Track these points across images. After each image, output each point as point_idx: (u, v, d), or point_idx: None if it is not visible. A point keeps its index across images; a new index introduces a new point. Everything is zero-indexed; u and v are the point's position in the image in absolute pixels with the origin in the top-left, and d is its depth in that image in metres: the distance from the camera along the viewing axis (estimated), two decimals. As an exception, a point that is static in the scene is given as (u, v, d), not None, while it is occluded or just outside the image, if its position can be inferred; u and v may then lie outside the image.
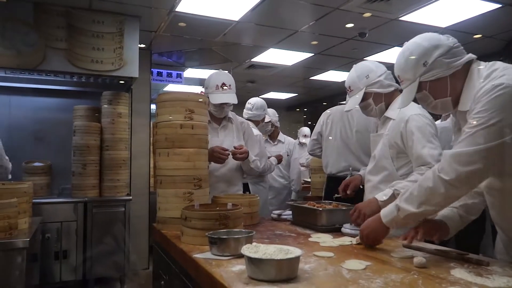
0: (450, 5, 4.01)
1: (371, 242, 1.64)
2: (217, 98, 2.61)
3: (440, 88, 1.48)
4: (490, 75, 1.37)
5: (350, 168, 3.02)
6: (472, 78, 1.44)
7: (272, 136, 4.55)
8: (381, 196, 1.88)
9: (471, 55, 1.48)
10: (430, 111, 1.64)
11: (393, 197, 1.84)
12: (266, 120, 4.20)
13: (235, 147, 2.57)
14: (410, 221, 1.49)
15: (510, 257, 1.48)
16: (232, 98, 2.64)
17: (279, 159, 4.05)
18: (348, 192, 2.30)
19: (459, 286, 1.16)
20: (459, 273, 1.28)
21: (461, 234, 3.21)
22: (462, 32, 4.71)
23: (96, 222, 3.87)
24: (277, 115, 4.58)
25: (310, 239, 1.85)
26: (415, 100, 1.60)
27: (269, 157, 3.63)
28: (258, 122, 3.97)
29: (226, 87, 2.63)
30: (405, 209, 1.45)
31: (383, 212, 1.55)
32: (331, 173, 3.18)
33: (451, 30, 4.85)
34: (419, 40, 1.53)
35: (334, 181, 3.10)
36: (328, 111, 3.33)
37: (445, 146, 3.32)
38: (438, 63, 1.46)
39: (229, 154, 2.49)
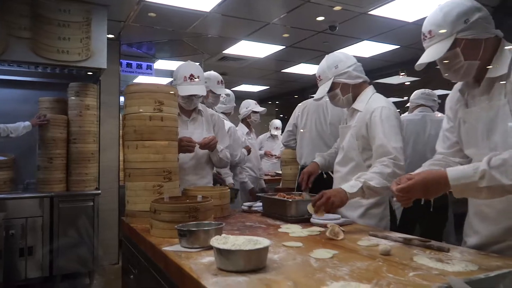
0: None
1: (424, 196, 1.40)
2: (185, 89, 2.58)
3: (473, 49, 1.46)
4: None
5: None
6: (504, 47, 1.46)
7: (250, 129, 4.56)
8: (350, 188, 1.86)
9: (499, 31, 1.49)
10: (448, 78, 1.56)
11: (361, 190, 1.86)
12: (257, 110, 4.38)
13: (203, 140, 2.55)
14: (484, 194, 1.28)
15: (480, 237, 1.51)
16: (201, 90, 2.62)
17: (248, 149, 4.04)
18: (309, 185, 2.34)
19: (421, 271, 1.21)
20: (421, 259, 1.33)
21: (425, 222, 3.34)
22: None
23: (63, 217, 3.77)
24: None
25: (280, 229, 1.87)
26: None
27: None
28: (229, 114, 3.96)
29: (195, 79, 2.60)
30: (496, 178, 1.25)
31: (454, 174, 1.31)
32: (305, 164, 3.21)
33: (419, 25, 4.97)
34: (460, 0, 1.50)
35: None
36: (302, 103, 3.37)
37: (410, 138, 3.45)
38: (478, 24, 1.45)
39: (195, 145, 2.48)
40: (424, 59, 1.51)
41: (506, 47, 1.48)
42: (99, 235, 3.94)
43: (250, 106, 4.47)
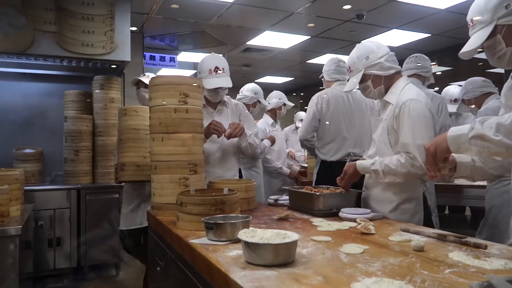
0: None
1: (437, 160, 1.49)
2: (211, 82, 2.59)
3: None
4: None
5: (351, 154, 3.02)
6: None
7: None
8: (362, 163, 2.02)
9: None
10: (494, 65, 1.54)
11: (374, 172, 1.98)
12: (288, 104, 4.39)
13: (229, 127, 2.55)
14: (473, 146, 1.38)
15: None
16: (227, 82, 2.62)
17: (272, 140, 4.00)
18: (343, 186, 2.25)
19: (457, 268, 1.18)
20: (457, 256, 1.30)
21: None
22: (460, 13, 4.69)
23: (89, 209, 3.88)
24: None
25: (307, 223, 1.86)
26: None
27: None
28: (248, 106, 3.91)
29: (219, 71, 2.60)
30: (479, 130, 1.35)
31: (453, 128, 1.45)
32: (328, 159, 3.16)
33: (450, 12, 4.82)
34: None
35: (328, 166, 3.11)
36: (323, 93, 3.24)
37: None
38: None
39: (224, 130, 2.48)
40: (465, 47, 1.51)
41: None
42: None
43: (282, 98, 4.41)
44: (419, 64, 3.31)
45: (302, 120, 6.11)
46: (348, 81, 2.23)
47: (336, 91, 3.19)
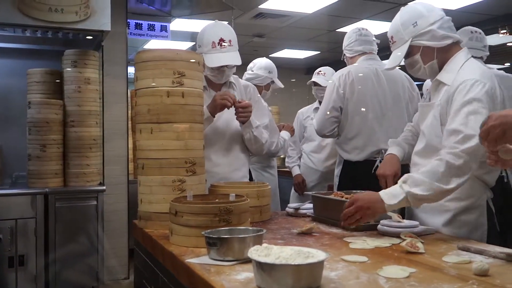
0: None
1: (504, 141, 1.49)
2: (215, 59, 2.59)
3: None
4: None
5: (383, 151, 2.99)
6: None
7: None
8: (390, 197, 1.86)
9: None
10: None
11: (405, 200, 1.85)
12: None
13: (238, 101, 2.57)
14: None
15: None
16: (234, 58, 2.62)
17: (291, 130, 3.92)
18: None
19: (532, 298, 1.17)
20: (532, 282, 1.29)
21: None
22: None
23: (60, 219, 3.92)
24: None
25: (337, 239, 1.87)
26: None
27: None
28: (261, 88, 3.86)
29: (225, 44, 2.60)
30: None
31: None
32: (352, 158, 3.13)
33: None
34: None
35: (353, 166, 3.10)
36: (346, 72, 3.14)
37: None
38: None
39: (233, 99, 2.51)
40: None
41: None
42: (104, 242, 4.07)
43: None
44: (483, 46, 3.20)
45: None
46: (388, 57, 2.22)
47: (363, 68, 3.15)
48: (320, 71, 4.20)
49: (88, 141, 4.18)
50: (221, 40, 2.61)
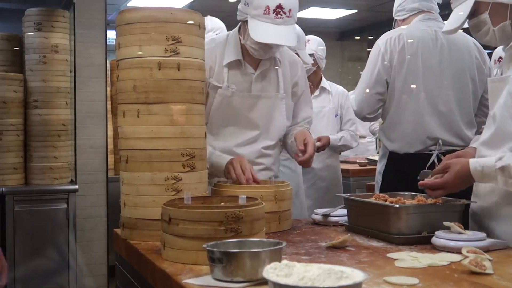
0: None
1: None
2: (263, 32, 2.49)
3: None
4: None
5: (440, 142, 2.98)
6: None
7: (312, 82, 4.51)
8: (479, 171, 1.99)
9: None
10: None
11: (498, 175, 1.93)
12: (308, 52, 4.18)
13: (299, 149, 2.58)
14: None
15: None
16: (289, 36, 2.54)
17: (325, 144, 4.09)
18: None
19: None
20: None
21: None
22: None
23: (20, 226, 3.96)
24: (321, 46, 4.52)
25: (379, 255, 1.87)
26: None
27: None
28: None
29: (282, 14, 2.49)
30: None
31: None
32: (400, 150, 3.14)
33: None
34: None
35: (400, 161, 3.10)
36: (395, 34, 3.13)
37: None
38: None
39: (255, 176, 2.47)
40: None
41: None
42: (77, 257, 4.09)
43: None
44: None
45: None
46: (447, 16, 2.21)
47: (419, 30, 3.13)
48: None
49: (56, 126, 4.21)
50: (279, 6, 2.48)
